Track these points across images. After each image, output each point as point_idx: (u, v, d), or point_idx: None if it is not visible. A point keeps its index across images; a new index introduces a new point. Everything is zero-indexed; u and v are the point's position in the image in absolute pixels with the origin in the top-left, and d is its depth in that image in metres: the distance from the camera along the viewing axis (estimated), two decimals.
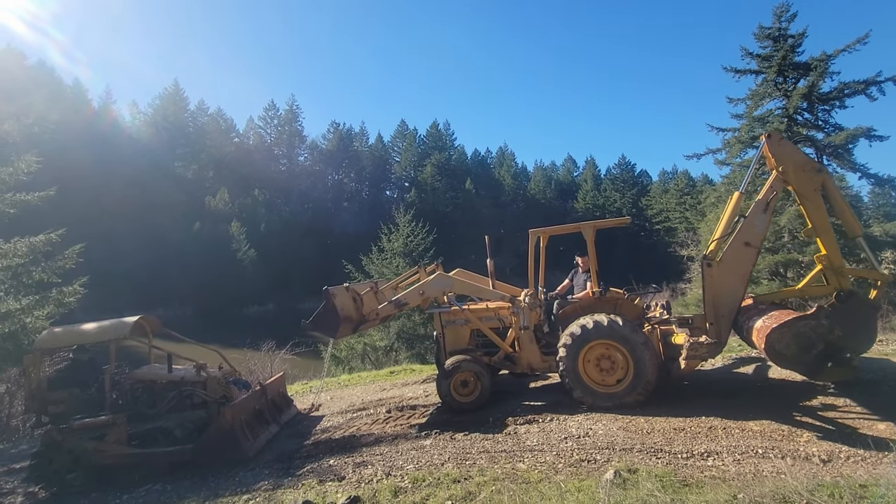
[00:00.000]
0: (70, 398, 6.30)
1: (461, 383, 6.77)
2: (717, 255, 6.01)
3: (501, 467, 4.71)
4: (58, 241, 11.68)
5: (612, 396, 6.06)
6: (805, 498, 3.13)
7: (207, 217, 56.13)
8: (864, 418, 5.05)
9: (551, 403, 6.64)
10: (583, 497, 3.65)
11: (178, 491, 5.46)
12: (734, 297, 5.94)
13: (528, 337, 6.84)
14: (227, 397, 6.69)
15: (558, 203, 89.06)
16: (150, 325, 7.33)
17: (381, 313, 7.22)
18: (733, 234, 5.97)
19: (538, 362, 6.85)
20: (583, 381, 6.15)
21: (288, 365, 14.13)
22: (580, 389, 6.16)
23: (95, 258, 22.78)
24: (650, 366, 5.93)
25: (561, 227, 7.52)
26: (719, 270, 5.93)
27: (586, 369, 6.18)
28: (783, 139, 6.27)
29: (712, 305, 5.92)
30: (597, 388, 6.13)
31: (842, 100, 17.24)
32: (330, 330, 6.85)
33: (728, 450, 4.57)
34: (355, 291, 7.18)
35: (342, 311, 6.70)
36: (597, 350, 6.15)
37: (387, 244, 19.55)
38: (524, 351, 6.89)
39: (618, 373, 6.09)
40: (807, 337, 5.24)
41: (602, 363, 6.15)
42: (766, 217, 5.94)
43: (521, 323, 6.73)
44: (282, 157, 75.92)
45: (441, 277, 7.25)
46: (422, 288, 7.10)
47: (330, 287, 6.79)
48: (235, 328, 32.12)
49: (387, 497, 4.32)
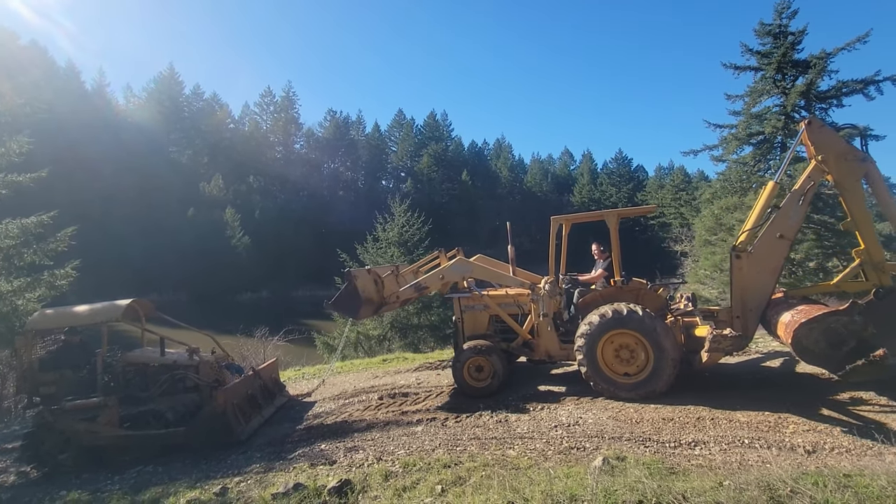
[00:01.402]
0: (61, 380, 6.29)
1: (476, 368, 6.77)
2: (748, 247, 5.82)
3: (492, 453, 4.76)
4: (50, 223, 11.57)
5: (631, 387, 5.95)
6: (789, 486, 3.18)
7: (202, 203, 55.67)
8: (851, 411, 5.12)
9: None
10: (571, 483, 3.69)
11: (170, 473, 5.48)
12: (763, 290, 5.77)
13: (546, 324, 6.77)
14: (219, 381, 6.69)
15: (554, 196, 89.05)
16: (143, 309, 7.30)
17: (401, 296, 7.28)
18: (766, 226, 5.75)
19: (556, 350, 6.79)
20: (601, 371, 6.06)
21: (281, 351, 14.15)
22: (598, 379, 6.08)
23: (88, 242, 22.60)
24: (671, 357, 5.81)
25: (584, 214, 7.51)
26: (749, 263, 5.75)
27: (605, 359, 6.09)
28: (824, 126, 5.88)
29: (740, 298, 5.76)
30: (616, 378, 6.03)
31: (839, 98, 17.27)
32: (351, 311, 6.95)
33: (715, 439, 4.64)
34: (377, 274, 7.28)
35: (363, 292, 6.78)
36: (616, 340, 6.05)
37: (382, 234, 19.51)
38: (542, 338, 6.84)
39: (637, 363, 5.99)
40: (837, 333, 5.01)
41: (621, 353, 6.05)
42: (801, 209, 5.70)
43: (541, 310, 6.65)
44: (277, 145, 75.18)
45: (461, 263, 7.21)
46: (442, 273, 7.11)
47: (352, 269, 6.80)
48: (229, 314, 32.05)
49: (377, 481, 4.35)
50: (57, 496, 5.20)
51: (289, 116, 75.01)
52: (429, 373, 8.85)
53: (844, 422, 4.84)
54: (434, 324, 17.75)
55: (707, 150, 19.82)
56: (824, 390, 5.86)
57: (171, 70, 66.81)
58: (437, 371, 8.92)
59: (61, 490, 5.34)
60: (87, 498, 5.03)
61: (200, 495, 4.59)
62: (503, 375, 6.72)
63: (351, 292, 6.74)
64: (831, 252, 16.78)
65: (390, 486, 4.23)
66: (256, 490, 4.53)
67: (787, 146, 17.63)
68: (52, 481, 5.70)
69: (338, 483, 4.24)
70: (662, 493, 3.26)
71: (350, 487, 4.22)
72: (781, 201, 5.90)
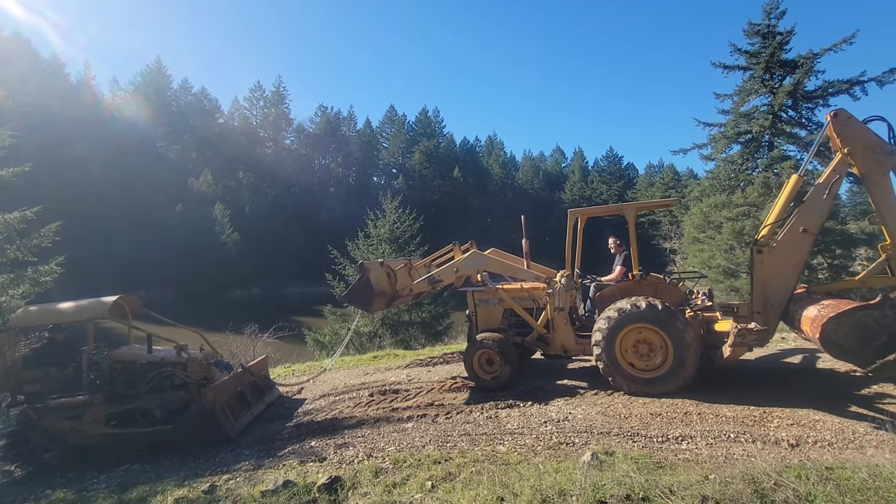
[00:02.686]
0: (46, 378, 6.21)
1: (486, 361, 6.74)
2: (770, 241, 5.73)
3: (482, 449, 4.78)
4: (33, 218, 11.39)
5: (651, 382, 5.86)
6: (773, 479, 3.24)
7: (190, 199, 55.05)
8: (833, 406, 5.21)
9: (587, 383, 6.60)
10: (560, 478, 3.72)
11: (158, 471, 5.43)
12: (786, 285, 5.66)
13: (562, 318, 6.68)
14: (208, 379, 6.64)
15: (546, 194, 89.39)
16: (130, 306, 7.21)
17: (414, 289, 7.25)
18: (789, 220, 5.65)
19: (572, 345, 6.70)
20: (620, 367, 5.96)
21: (271, 348, 14.07)
22: (617, 375, 5.98)
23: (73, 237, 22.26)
24: (692, 351, 5.70)
25: (601, 207, 7.46)
26: (771, 257, 5.64)
27: (623, 354, 5.99)
28: (852, 118, 5.69)
29: (761, 293, 5.65)
30: (635, 374, 5.93)
31: (826, 98, 17.54)
32: (364, 303, 6.91)
33: (702, 434, 4.70)
34: (389, 267, 7.26)
35: (377, 285, 6.76)
36: (634, 334, 5.94)
37: (373, 230, 19.45)
38: (558, 332, 6.74)
39: (657, 358, 5.88)
40: (868, 328, 4.87)
41: (640, 347, 5.95)
42: (826, 203, 5.56)
43: (556, 304, 6.59)
44: (267, 140, 74.48)
45: (475, 256, 7.17)
46: (456, 266, 7.05)
47: (365, 262, 6.88)
48: (218, 311, 31.82)
49: (368, 477, 4.35)
50: (42, 495, 5.13)
51: (279, 111, 74.35)
52: (419, 369, 8.85)
53: (827, 416, 4.93)
54: (425, 321, 17.77)
55: (696, 148, 20.05)
56: (808, 386, 5.97)
57: (159, 63, 65.88)
58: (427, 368, 8.93)
59: (46, 489, 5.27)
60: (73, 497, 4.97)
61: (189, 493, 4.56)
62: (514, 368, 6.63)
63: (364, 285, 6.73)
64: (816, 250, 17.04)
65: (380, 482, 4.23)
66: (246, 487, 4.50)
67: (774, 145, 17.88)
68: (37, 480, 5.62)
69: (328, 480, 4.23)
70: (650, 486, 3.30)
71: (340, 484, 4.22)
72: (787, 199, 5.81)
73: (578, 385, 6.69)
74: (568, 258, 6.96)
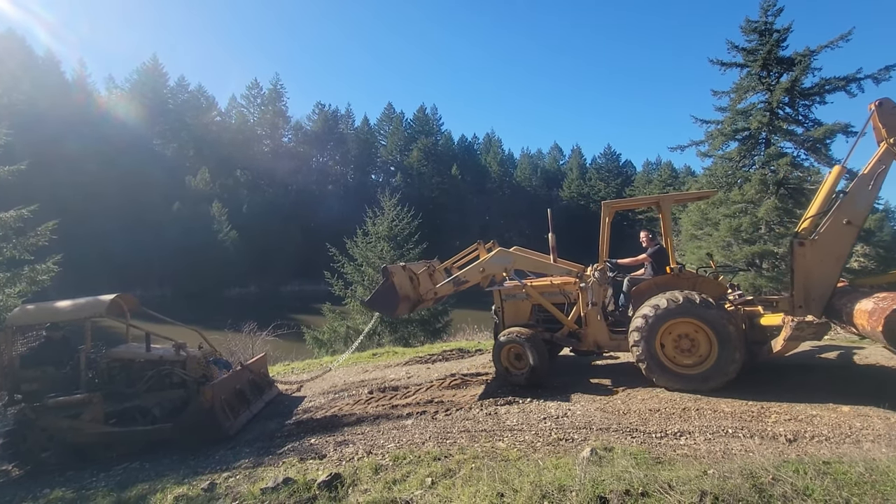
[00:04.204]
0: (44, 376, 6.19)
1: (515, 356, 6.57)
2: (811, 234, 5.60)
3: (481, 446, 4.79)
4: (30, 217, 11.34)
5: (694, 378, 5.67)
6: (771, 474, 3.25)
7: (187, 197, 54.87)
8: (831, 401, 5.24)
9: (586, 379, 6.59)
10: (560, 474, 3.74)
11: (157, 469, 5.42)
12: (828, 279, 5.53)
13: (595, 313, 6.48)
14: (206, 377, 6.63)
15: (543, 191, 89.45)
16: (128, 304, 7.19)
17: (439, 292, 7.16)
18: (831, 212, 5.52)
19: (606, 340, 6.50)
20: (662, 363, 5.78)
21: (270, 346, 14.06)
22: (659, 372, 5.79)
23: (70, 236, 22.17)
24: (737, 345, 5.53)
25: (635, 199, 7.35)
26: (813, 250, 5.52)
27: (664, 350, 5.81)
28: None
29: (803, 287, 5.52)
30: (678, 370, 5.75)
31: (822, 95, 17.57)
32: (389, 308, 6.81)
33: (700, 430, 4.72)
34: (411, 271, 7.14)
35: (401, 289, 6.65)
36: (676, 329, 5.75)
37: (372, 228, 19.44)
38: (591, 328, 6.53)
39: (699, 353, 5.69)
40: None
41: (681, 343, 5.77)
42: (871, 193, 5.45)
43: (589, 298, 6.39)
44: (265, 138, 74.25)
45: (502, 253, 7.01)
46: (482, 265, 6.93)
47: (388, 266, 6.77)
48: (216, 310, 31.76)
49: (367, 474, 4.35)
50: (40, 494, 5.12)
51: (276, 109, 74.09)
52: (419, 367, 8.86)
53: (824, 412, 4.95)
54: (424, 318, 17.77)
55: (694, 145, 20.07)
56: (805, 381, 5.99)
57: (155, 61, 65.57)
58: (427, 365, 8.93)
59: (45, 488, 5.26)
60: (72, 495, 4.96)
61: (188, 491, 4.55)
62: (543, 363, 6.44)
63: (388, 289, 6.59)
64: None
65: (380, 479, 4.23)
66: (245, 485, 4.50)
67: (771, 142, 17.91)
68: (36, 479, 5.61)
69: (328, 477, 4.24)
70: (649, 482, 3.31)
71: (340, 481, 4.22)
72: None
73: (577, 381, 6.69)
74: (601, 251, 6.69)
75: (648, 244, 6.96)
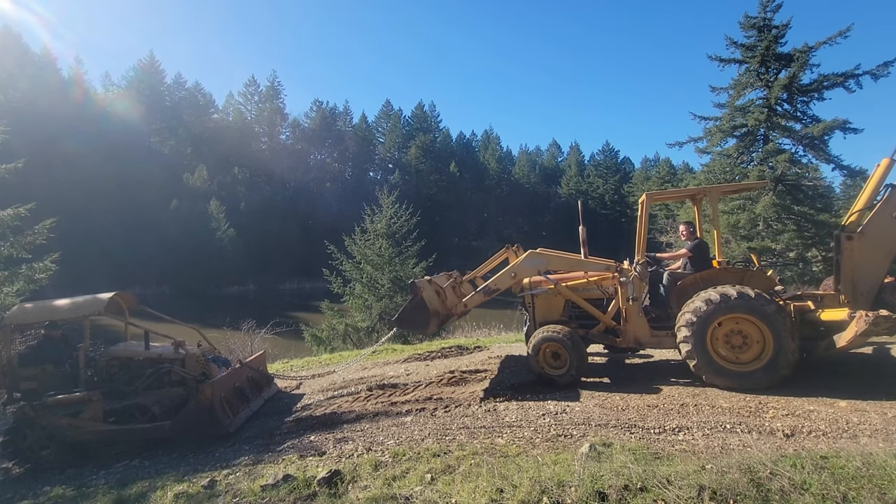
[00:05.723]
0: (43, 375, 6.19)
1: (552, 354, 6.34)
2: (858, 228, 5.51)
3: (480, 442, 4.81)
4: (27, 215, 11.31)
5: (747, 376, 5.52)
6: (769, 468, 3.28)
7: (185, 194, 54.71)
8: (828, 396, 5.27)
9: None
10: (559, 469, 3.76)
11: (157, 467, 5.43)
12: (877, 273, 5.43)
13: (635, 309, 6.28)
14: (206, 374, 6.64)
15: (542, 188, 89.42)
16: (127, 302, 7.18)
17: (469, 304, 6.91)
18: (879, 205, 5.45)
19: (647, 337, 6.29)
20: (713, 361, 5.61)
21: (268, 344, 14.06)
22: (709, 369, 5.62)
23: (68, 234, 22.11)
24: (792, 341, 5.38)
25: (681, 190, 7.00)
26: (860, 244, 5.41)
27: (715, 347, 5.64)
28: None
29: (850, 282, 5.44)
30: (729, 367, 5.58)
31: (821, 92, 17.61)
32: (420, 326, 6.61)
33: (698, 425, 4.75)
34: (437, 284, 6.93)
35: (430, 304, 6.44)
36: (727, 325, 5.60)
37: (370, 225, 19.42)
38: (631, 324, 6.32)
39: (752, 349, 5.55)
40: None
41: (733, 339, 5.61)
42: None
43: (630, 294, 6.20)
44: (263, 136, 74.03)
45: (533, 256, 6.76)
46: (513, 270, 6.70)
47: (416, 280, 6.55)
48: (215, 308, 31.70)
49: (367, 471, 4.37)
50: (40, 492, 5.13)
51: (274, 107, 73.83)
52: (418, 364, 8.88)
53: (821, 407, 4.98)
54: None
55: (692, 141, 20.11)
56: (802, 377, 6.02)
57: (152, 58, 65.25)
58: (426, 362, 8.95)
59: (45, 486, 5.27)
60: (72, 493, 4.96)
61: (188, 488, 4.56)
62: (585, 362, 6.27)
63: (418, 306, 6.37)
64: (811, 242, 17.18)
65: (380, 475, 4.25)
66: (245, 482, 4.51)
67: (769, 138, 17.95)
68: (36, 477, 5.61)
69: (328, 474, 4.25)
70: (647, 477, 3.34)
71: (340, 478, 4.23)
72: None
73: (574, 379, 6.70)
74: (640, 245, 6.53)
75: (688, 238, 6.77)
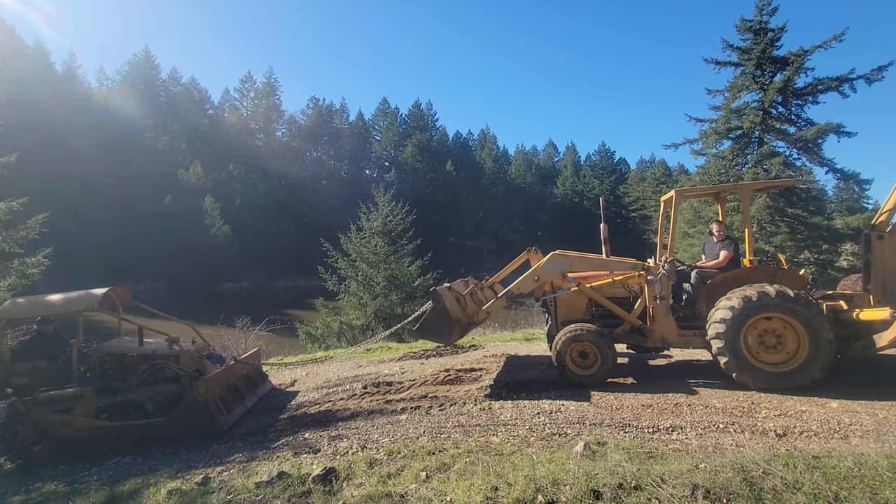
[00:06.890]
0: (35, 371, 6.14)
1: (579, 354, 6.19)
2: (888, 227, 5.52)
3: (475, 440, 4.82)
4: (20, 209, 11.20)
5: (783, 376, 5.43)
6: (762, 468, 3.31)
7: (180, 191, 54.42)
8: (820, 397, 5.32)
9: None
10: (553, 468, 3.77)
11: (150, 463, 5.40)
12: None
13: (663, 308, 6.17)
14: (200, 371, 6.60)
15: (538, 188, 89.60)
16: (120, 298, 7.13)
17: (490, 310, 6.74)
18: None
19: (674, 336, 6.19)
20: (747, 361, 5.51)
21: (263, 341, 14.00)
22: (741, 368, 5.51)
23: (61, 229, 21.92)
24: (828, 341, 5.31)
25: (712, 186, 6.85)
26: (890, 243, 5.39)
27: (748, 347, 5.55)
28: None
29: (881, 281, 5.42)
30: (762, 367, 5.50)
31: (815, 95, 17.76)
32: (443, 335, 6.48)
33: (692, 425, 4.78)
34: (457, 291, 6.81)
35: (452, 312, 6.31)
36: (761, 325, 5.50)
37: (365, 223, 19.38)
38: (658, 323, 6.20)
39: (787, 349, 5.47)
40: None
41: (766, 339, 5.52)
42: None
43: (657, 293, 6.10)
44: (258, 132, 73.65)
45: (556, 258, 6.58)
46: (536, 273, 6.52)
47: (437, 288, 6.42)
48: (209, 304, 31.57)
49: (362, 468, 4.36)
50: (32, 488, 5.08)
51: (270, 103, 73.51)
52: (413, 362, 8.88)
53: (813, 407, 5.03)
54: None
55: (688, 143, 20.24)
56: None
57: (147, 52, 64.73)
58: (420, 360, 8.96)
59: (36, 482, 5.22)
60: (65, 489, 4.93)
61: (182, 485, 4.54)
62: (613, 363, 6.13)
63: (441, 314, 6.23)
64: (804, 245, 17.32)
65: (375, 473, 4.24)
66: (240, 479, 4.50)
67: (764, 141, 18.07)
68: (27, 473, 5.57)
69: (322, 471, 4.24)
70: (641, 475, 3.35)
71: (335, 475, 4.22)
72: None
73: None
74: (669, 242, 6.48)
75: (720, 237, 6.71)
